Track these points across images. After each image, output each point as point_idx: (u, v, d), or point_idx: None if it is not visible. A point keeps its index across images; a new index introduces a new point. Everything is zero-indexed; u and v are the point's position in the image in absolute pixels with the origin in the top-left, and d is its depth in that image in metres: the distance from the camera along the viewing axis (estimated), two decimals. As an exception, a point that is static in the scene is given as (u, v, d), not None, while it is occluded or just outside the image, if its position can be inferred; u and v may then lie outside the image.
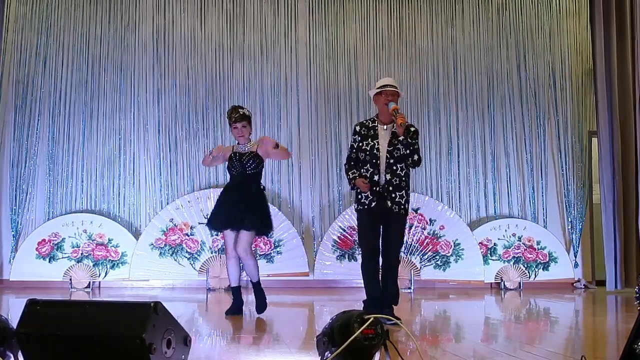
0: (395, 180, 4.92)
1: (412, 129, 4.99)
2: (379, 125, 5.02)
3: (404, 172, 4.97)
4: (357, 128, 5.09)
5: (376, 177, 4.93)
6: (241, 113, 5.36)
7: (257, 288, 5.41)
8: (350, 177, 5.04)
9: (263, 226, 5.41)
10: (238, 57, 8.51)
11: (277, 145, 5.37)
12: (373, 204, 4.93)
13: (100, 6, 8.41)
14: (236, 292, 5.40)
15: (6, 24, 8.17)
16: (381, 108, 5.02)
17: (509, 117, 8.69)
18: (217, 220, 5.43)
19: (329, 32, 8.63)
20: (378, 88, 5.04)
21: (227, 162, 5.49)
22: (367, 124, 5.09)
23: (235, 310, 5.35)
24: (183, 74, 8.43)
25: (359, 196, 5.01)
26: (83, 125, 8.26)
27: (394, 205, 4.92)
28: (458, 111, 8.65)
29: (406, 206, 5.00)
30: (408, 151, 4.91)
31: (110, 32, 8.39)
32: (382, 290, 5.06)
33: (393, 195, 4.91)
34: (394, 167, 4.93)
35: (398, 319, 4.88)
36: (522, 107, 8.71)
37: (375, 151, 4.95)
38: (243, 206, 5.29)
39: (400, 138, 4.89)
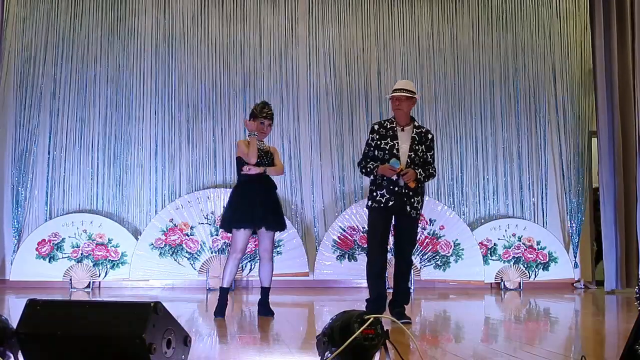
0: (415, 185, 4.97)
1: (430, 135, 5.12)
2: (397, 127, 5.06)
3: (422, 177, 5.03)
4: (376, 127, 5.12)
5: (394, 177, 4.95)
6: (272, 112, 5.42)
7: (268, 293, 5.44)
8: (372, 167, 5.01)
9: (283, 224, 5.45)
10: (238, 57, 8.51)
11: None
12: (390, 202, 4.95)
13: (100, 6, 8.40)
14: (227, 293, 5.36)
15: (6, 25, 8.17)
16: (394, 113, 5.10)
17: (508, 117, 8.69)
18: (243, 218, 5.25)
19: (329, 32, 8.63)
20: (391, 93, 5.10)
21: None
22: (385, 124, 5.12)
23: (223, 311, 5.32)
24: (183, 74, 8.42)
25: (375, 193, 5.01)
26: (83, 125, 8.26)
27: (412, 210, 4.98)
28: (458, 111, 8.65)
29: (420, 211, 5.09)
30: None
31: (110, 32, 8.39)
32: (394, 290, 5.08)
33: (412, 200, 4.97)
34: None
35: (409, 318, 4.91)
36: (522, 107, 8.71)
37: (395, 151, 4.98)
38: (266, 205, 5.28)
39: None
